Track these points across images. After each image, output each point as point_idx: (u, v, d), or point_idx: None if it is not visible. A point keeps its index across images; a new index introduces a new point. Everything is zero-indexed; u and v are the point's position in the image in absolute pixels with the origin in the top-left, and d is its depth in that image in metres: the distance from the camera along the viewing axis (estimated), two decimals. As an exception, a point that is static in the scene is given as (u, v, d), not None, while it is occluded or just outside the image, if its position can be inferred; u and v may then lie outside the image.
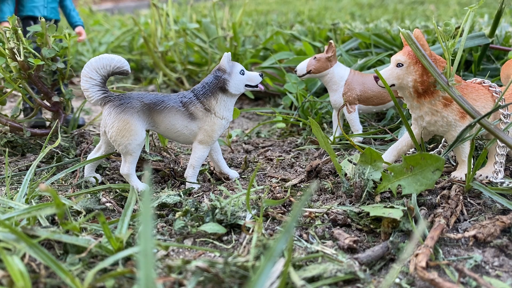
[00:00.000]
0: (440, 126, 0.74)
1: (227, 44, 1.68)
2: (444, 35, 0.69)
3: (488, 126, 0.66)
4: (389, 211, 0.60)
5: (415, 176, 0.63)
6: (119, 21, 3.55)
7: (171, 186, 0.82)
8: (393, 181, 0.65)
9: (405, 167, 0.64)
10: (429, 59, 0.69)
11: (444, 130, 0.75)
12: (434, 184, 0.62)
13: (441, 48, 1.28)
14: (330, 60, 0.94)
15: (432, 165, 0.61)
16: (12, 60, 0.90)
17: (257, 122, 1.33)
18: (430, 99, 0.72)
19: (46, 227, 0.58)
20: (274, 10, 4.10)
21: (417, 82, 0.71)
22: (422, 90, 0.72)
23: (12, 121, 0.96)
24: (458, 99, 0.68)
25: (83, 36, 1.11)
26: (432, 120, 0.74)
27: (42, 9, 1.06)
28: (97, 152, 0.81)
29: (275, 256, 0.35)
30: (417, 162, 0.62)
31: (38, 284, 0.49)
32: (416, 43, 0.69)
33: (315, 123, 0.72)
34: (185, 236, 0.63)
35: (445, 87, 0.67)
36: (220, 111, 0.77)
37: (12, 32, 0.90)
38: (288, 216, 0.67)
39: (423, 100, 0.73)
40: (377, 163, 0.68)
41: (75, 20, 1.13)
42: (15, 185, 0.82)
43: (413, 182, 0.63)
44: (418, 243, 0.57)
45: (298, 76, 0.97)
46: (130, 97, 0.75)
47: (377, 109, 1.00)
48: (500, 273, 0.53)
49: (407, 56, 0.72)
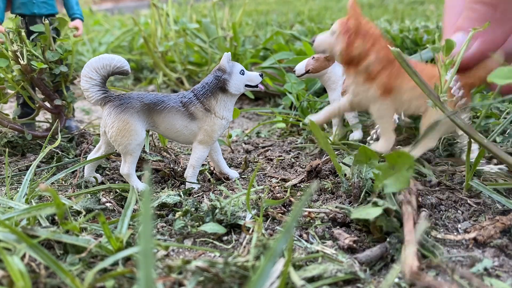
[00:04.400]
0: (362, 98, 0.77)
1: (227, 44, 1.68)
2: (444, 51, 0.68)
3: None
4: (367, 211, 0.59)
5: (396, 174, 0.63)
6: (119, 21, 3.55)
7: (171, 186, 0.82)
8: (382, 180, 0.65)
9: (389, 166, 0.64)
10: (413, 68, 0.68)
11: (365, 103, 0.78)
12: (408, 182, 0.61)
13: (430, 52, 1.28)
14: (328, 60, 0.94)
15: (405, 163, 0.61)
16: (15, 63, 0.90)
17: (257, 122, 1.33)
18: (355, 71, 0.75)
19: (46, 227, 0.58)
20: (274, 10, 4.10)
21: (343, 52, 0.74)
22: (347, 60, 0.75)
23: (13, 123, 0.96)
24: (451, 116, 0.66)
25: (80, 31, 1.03)
26: (355, 91, 0.77)
27: (31, 5, 0.99)
28: (97, 152, 0.81)
29: (275, 256, 0.35)
30: (395, 160, 0.62)
31: (38, 284, 0.49)
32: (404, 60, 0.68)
33: (314, 124, 0.72)
34: (185, 236, 0.63)
35: (436, 102, 0.66)
36: (220, 111, 0.77)
37: (16, 33, 0.89)
38: (288, 216, 0.67)
39: (350, 70, 0.76)
40: (372, 161, 0.68)
41: (72, 12, 1.05)
42: (15, 185, 0.82)
43: (395, 181, 0.63)
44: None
45: (296, 76, 0.97)
46: (130, 97, 0.75)
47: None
48: (500, 273, 0.53)
49: (339, 26, 0.75)
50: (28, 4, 0.99)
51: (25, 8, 0.99)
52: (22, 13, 1.00)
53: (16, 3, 1.00)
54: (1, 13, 0.98)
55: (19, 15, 1.00)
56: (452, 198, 0.71)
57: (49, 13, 1.02)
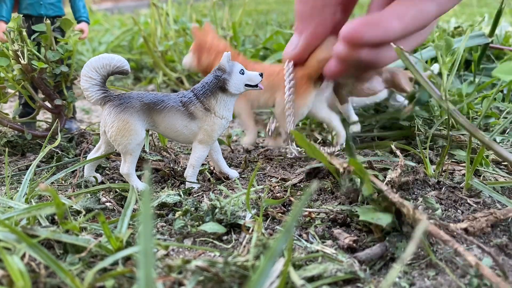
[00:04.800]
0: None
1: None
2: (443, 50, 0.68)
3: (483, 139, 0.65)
4: (378, 216, 0.59)
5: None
6: (119, 20, 3.55)
7: (171, 185, 0.82)
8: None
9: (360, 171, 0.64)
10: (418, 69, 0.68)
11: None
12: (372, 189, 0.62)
13: (432, 51, 1.28)
14: None
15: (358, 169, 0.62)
16: (15, 62, 0.90)
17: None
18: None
19: (46, 227, 0.58)
20: (274, 9, 4.10)
21: (197, 66, 0.95)
22: (202, 71, 0.95)
23: (13, 123, 0.96)
24: (452, 112, 0.67)
25: (85, 34, 1.04)
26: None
27: (38, 6, 1.00)
28: (97, 152, 0.80)
29: (275, 256, 0.35)
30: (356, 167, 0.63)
31: (38, 284, 0.49)
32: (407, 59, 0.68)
33: (298, 134, 0.68)
34: (185, 236, 0.63)
35: (439, 100, 0.66)
36: (220, 111, 0.77)
37: (17, 33, 0.89)
38: (288, 216, 0.67)
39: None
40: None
41: (79, 15, 1.06)
42: (15, 185, 0.82)
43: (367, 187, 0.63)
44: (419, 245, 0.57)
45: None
46: (130, 96, 0.75)
47: (369, 101, 1.03)
48: (500, 272, 0.53)
49: (192, 47, 0.95)
50: (35, 5, 1.00)
51: (32, 9, 1.00)
52: (29, 14, 1.01)
53: (23, 3, 1.00)
54: (8, 12, 0.99)
55: (26, 16, 1.00)
56: (452, 197, 0.71)
57: (55, 15, 1.03)
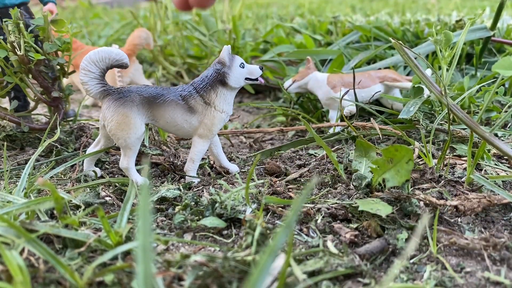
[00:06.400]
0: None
1: (227, 37, 1.67)
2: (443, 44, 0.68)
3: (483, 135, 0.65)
4: (377, 206, 0.59)
5: (395, 168, 0.63)
6: (118, 14, 3.53)
7: (171, 180, 0.81)
8: (380, 174, 0.64)
9: (386, 160, 0.63)
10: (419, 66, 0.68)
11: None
12: (410, 174, 0.61)
13: (432, 45, 1.27)
14: (309, 68, 1.07)
15: (405, 156, 0.61)
16: (12, 54, 0.89)
17: (257, 116, 1.33)
18: None
19: (45, 221, 0.58)
20: (274, 3, 4.08)
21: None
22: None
23: (11, 116, 0.95)
24: (452, 108, 0.67)
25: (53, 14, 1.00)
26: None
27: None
28: (96, 146, 0.80)
29: (275, 251, 0.35)
30: (393, 154, 0.62)
31: (37, 279, 0.49)
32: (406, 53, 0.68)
33: (306, 123, 0.73)
34: (184, 230, 0.62)
35: (438, 96, 0.66)
36: (220, 105, 0.77)
37: (14, 25, 0.88)
38: (289, 211, 0.66)
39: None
40: (370, 153, 0.68)
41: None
42: (14, 179, 0.82)
43: (395, 174, 0.63)
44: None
45: (285, 89, 1.10)
46: (129, 90, 0.74)
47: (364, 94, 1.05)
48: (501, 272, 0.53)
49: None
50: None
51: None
52: None
53: None
54: None
55: None
56: (453, 192, 0.70)
57: (20, 2, 1.00)
